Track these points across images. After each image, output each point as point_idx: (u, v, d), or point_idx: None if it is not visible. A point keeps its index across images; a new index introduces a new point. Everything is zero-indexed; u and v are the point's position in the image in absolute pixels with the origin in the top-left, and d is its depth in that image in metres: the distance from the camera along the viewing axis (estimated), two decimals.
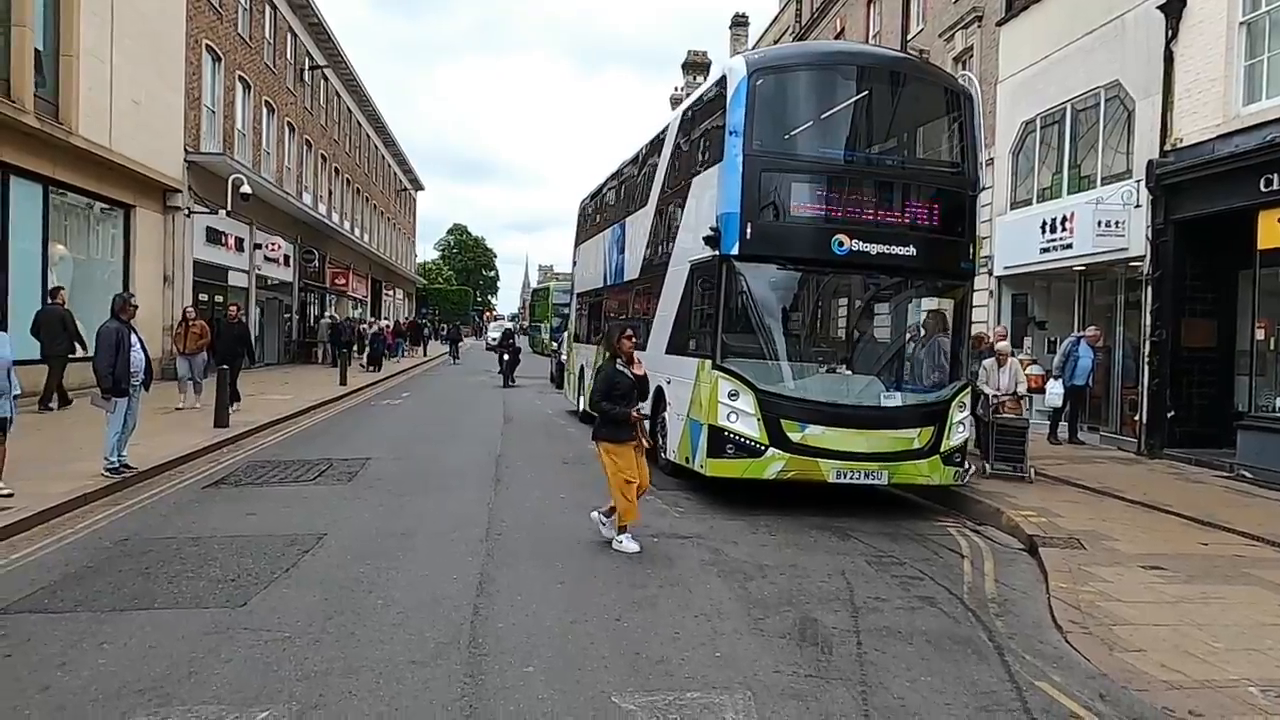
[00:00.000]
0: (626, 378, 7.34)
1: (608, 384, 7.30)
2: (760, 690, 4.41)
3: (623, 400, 7.25)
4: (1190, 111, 12.62)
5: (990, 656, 5.09)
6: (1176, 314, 13.05)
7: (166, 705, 4.05)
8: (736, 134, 8.98)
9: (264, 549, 6.90)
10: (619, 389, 7.27)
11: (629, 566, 6.74)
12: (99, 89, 18.05)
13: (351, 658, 4.70)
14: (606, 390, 7.28)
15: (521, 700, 4.22)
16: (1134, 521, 8.75)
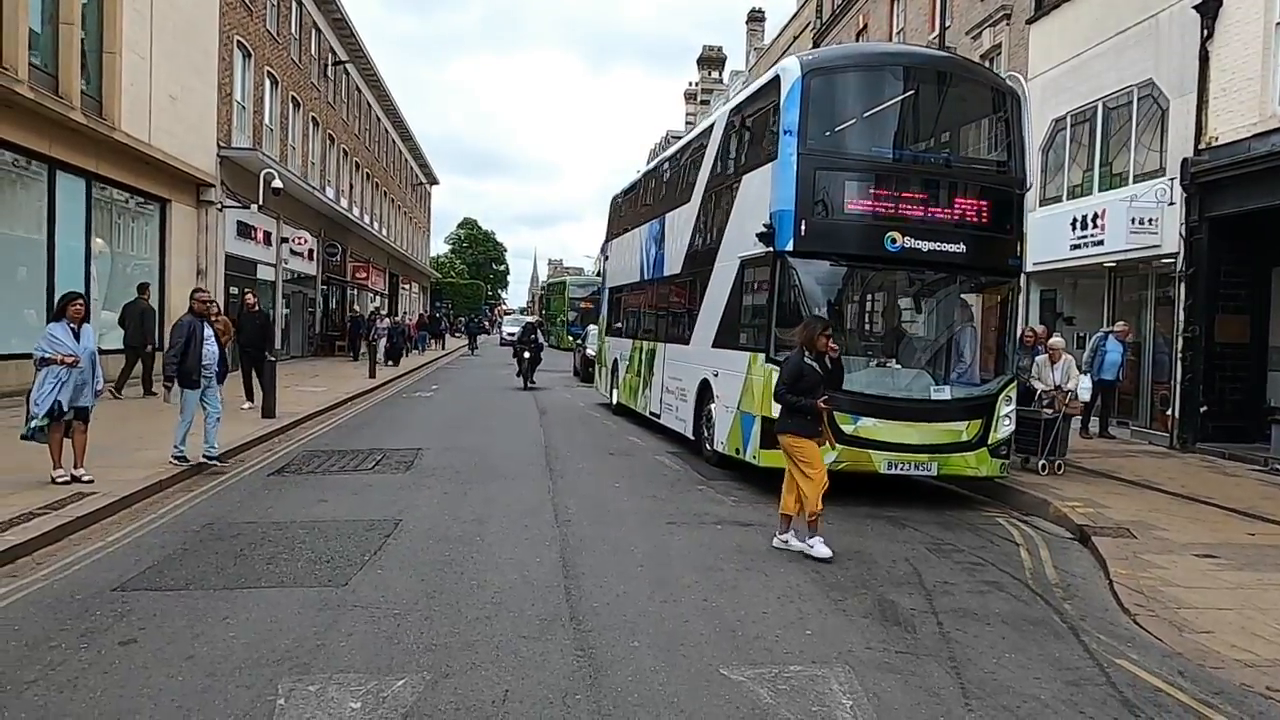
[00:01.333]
0: (815, 370, 7.14)
1: (794, 375, 7.09)
2: (857, 665, 4.66)
3: (809, 394, 7.03)
4: (1225, 110, 12.79)
5: (1066, 636, 5.33)
6: (1210, 310, 13.24)
7: (307, 674, 4.31)
8: (791, 133, 9.19)
9: (346, 533, 7.17)
10: (806, 381, 7.06)
11: (701, 552, 6.98)
12: (139, 84, 18.35)
13: (464, 633, 4.95)
14: (792, 381, 7.07)
15: (635, 671, 4.47)
16: (1178, 513, 8.96)
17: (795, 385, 7.08)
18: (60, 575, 5.96)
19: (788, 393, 7.08)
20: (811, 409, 7.02)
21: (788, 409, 7.13)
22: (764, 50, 41.32)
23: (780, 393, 7.16)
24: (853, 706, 4.13)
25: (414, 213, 60.92)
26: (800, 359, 7.18)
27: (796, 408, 7.06)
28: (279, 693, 4.08)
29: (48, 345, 8.20)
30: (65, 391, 8.21)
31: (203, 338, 9.56)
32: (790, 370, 7.16)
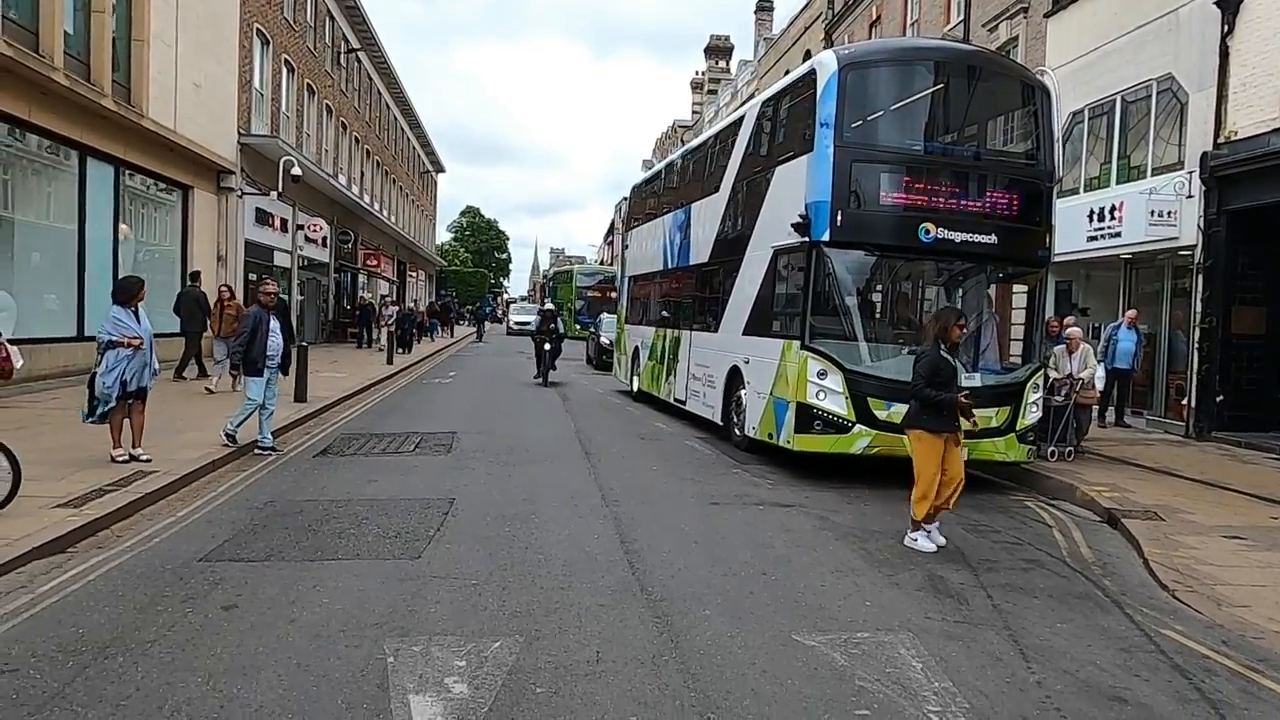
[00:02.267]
0: (950, 364, 7.02)
1: (932, 369, 6.87)
2: (920, 632, 4.93)
3: (945, 388, 6.84)
4: (1245, 105, 13.01)
5: (1111, 610, 5.60)
6: (1227, 302, 13.49)
7: (408, 636, 4.58)
8: (828, 126, 9.42)
9: (405, 510, 7.43)
10: (942, 375, 6.89)
11: (749, 531, 7.25)
12: (165, 73, 18.55)
13: (543, 601, 5.22)
14: (930, 375, 6.86)
15: (712, 636, 4.74)
16: (1201, 497, 9.24)
17: (933, 379, 6.85)
18: (144, 547, 6.23)
19: (926, 386, 6.84)
20: (951, 403, 6.85)
21: (924, 404, 6.90)
22: (774, 41, 41.38)
23: (919, 388, 6.88)
24: (923, 669, 4.40)
25: (420, 200, 61.07)
26: (936, 352, 6.96)
27: (935, 402, 6.82)
28: (386, 652, 4.34)
29: (113, 329, 8.46)
30: (129, 373, 8.48)
31: (268, 329, 9.82)
32: (928, 364, 6.90)
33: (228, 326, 15.37)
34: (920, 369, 6.97)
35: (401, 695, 3.87)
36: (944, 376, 6.92)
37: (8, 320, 14.32)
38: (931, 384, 6.86)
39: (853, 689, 4.14)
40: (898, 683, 4.23)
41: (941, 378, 6.89)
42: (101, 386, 8.40)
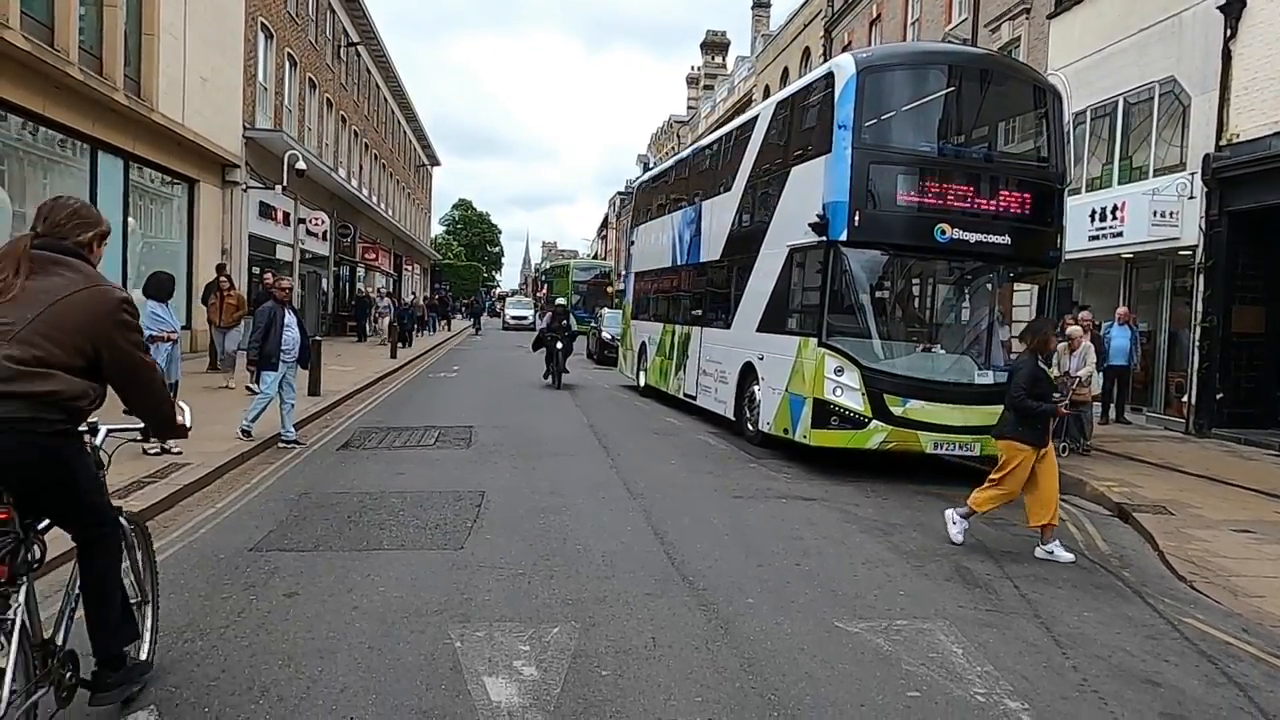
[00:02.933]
0: (1047, 375, 7.02)
1: (1031, 380, 6.79)
2: (955, 620, 5.14)
3: (1043, 399, 6.80)
4: (1248, 108, 13.27)
5: (1133, 599, 5.83)
6: (1228, 301, 13.76)
7: (469, 622, 4.76)
8: (845, 128, 9.62)
9: (438, 503, 7.61)
10: (1040, 386, 6.84)
11: (776, 523, 7.46)
12: (173, 66, 18.61)
13: (592, 589, 5.42)
14: (1030, 386, 6.76)
15: (760, 624, 4.95)
16: (1208, 493, 9.49)
17: (1033, 390, 6.78)
18: (192, 538, 6.39)
19: (1028, 398, 6.74)
20: (1051, 414, 6.87)
21: (1023, 415, 6.78)
22: (772, 37, 41.55)
23: (1020, 399, 6.76)
24: (964, 654, 4.62)
25: (416, 194, 61.06)
26: (1034, 363, 6.92)
27: (1037, 412, 6.76)
28: (452, 637, 4.53)
29: (152, 324, 8.61)
30: (168, 366, 8.65)
31: (283, 324, 9.97)
32: (1028, 375, 6.82)
33: (228, 316, 15.46)
34: (1020, 380, 6.83)
35: (475, 677, 4.06)
36: (1042, 388, 6.86)
37: None
38: (1032, 395, 6.76)
39: (900, 672, 4.35)
40: (942, 666, 4.44)
41: (1040, 389, 6.83)
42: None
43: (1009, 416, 6.95)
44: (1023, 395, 6.76)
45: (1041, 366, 6.98)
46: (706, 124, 53.53)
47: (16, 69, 13.18)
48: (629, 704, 3.88)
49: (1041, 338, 7.07)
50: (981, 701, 4.05)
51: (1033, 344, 7.06)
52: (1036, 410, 6.76)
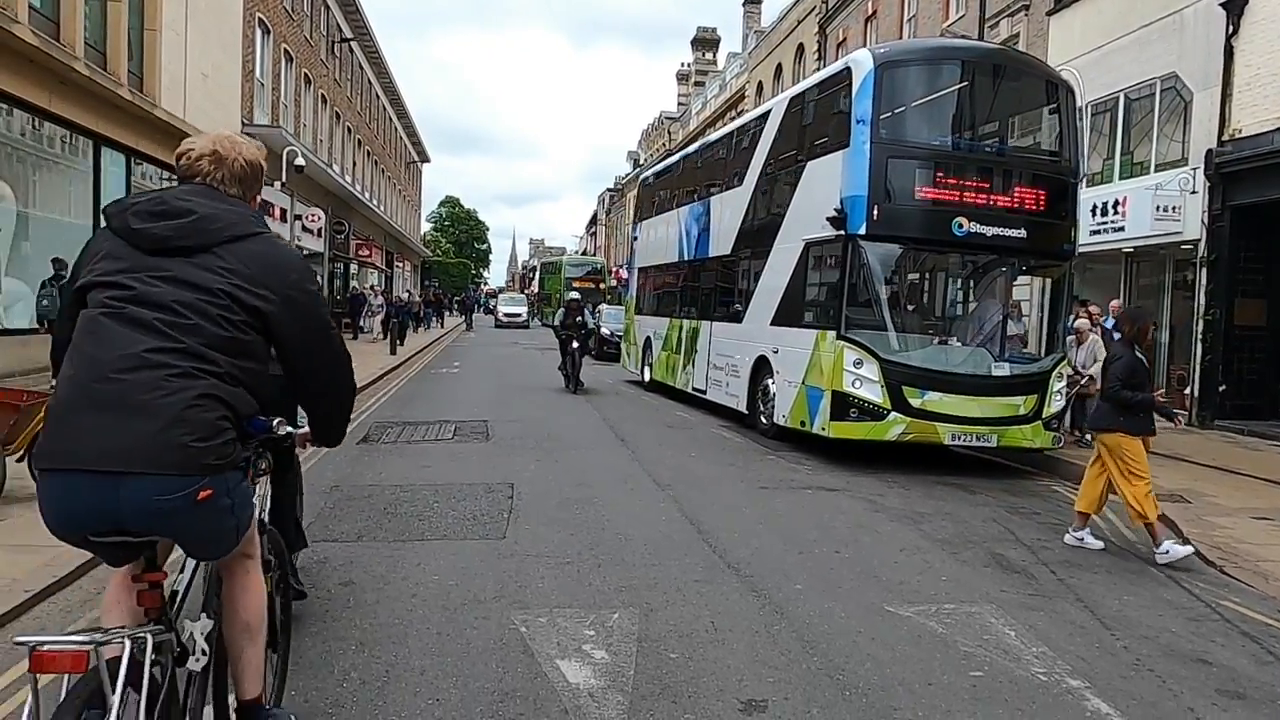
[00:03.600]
0: (1144, 365, 6.91)
1: (1129, 370, 6.68)
2: (1001, 604, 5.25)
3: (1140, 389, 6.70)
4: (1250, 104, 13.45)
5: (1168, 584, 5.95)
6: (1230, 294, 13.95)
7: (529, 609, 4.83)
8: (864, 122, 9.72)
9: (470, 495, 7.66)
10: (1138, 377, 6.74)
11: (806, 513, 7.55)
12: (175, 62, 18.54)
13: (641, 577, 5.49)
14: (1127, 377, 6.65)
15: (813, 608, 5.03)
16: (1220, 482, 9.64)
17: (1130, 381, 6.68)
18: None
19: (1124, 389, 6.63)
20: (1150, 403, 6.74)
21: (1122, 406, 6.67)
22: (765, 34, 41.67)
23: (1116, 389, 6.66)
24: (1017, 636, 4.72)
25: (407, 191, 60.91)
26: (1132, 353, 6.79)
27: (1134, 403, 6.65)
28: (516, 623, 4.59)
29: None
30: None
31: None
32: (1125, 366, 6.70)
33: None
34: (1117, 370, 6.73)
35: (549, 660, 4.13)
36: (1140, 378, 6.76)
37: (24, 311, 14.37)
38: (1128, 385, 6.66)
39: (959, 654, 4.44)
40: (998, 648, 4.53)
41: (1137, 379, 6.73)
42: None
43: (1106, 408, 6.86)
44: (1117, 386, 6.66)
45: (1139, 356, 6.86)
46: (698, 120, 53.62)
47: (23, 64, 13.11)
48: (702, 685, 3.96)
49: (1140, 327, 6.95)
50: (1044, 681, 4.15)
51: (1130, 333, 6.94)
52: (1132, 401, 6.64)
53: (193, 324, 2.36)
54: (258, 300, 2.45)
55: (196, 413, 2.30)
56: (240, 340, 2.43)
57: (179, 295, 2.37)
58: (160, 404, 2.26)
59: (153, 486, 2.24)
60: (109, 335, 2.31)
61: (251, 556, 2.78)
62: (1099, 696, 3.99)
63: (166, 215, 2.45)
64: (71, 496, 2.27)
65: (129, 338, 2.30)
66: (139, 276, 2.38)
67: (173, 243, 2.41)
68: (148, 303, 2.34)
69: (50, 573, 4.98)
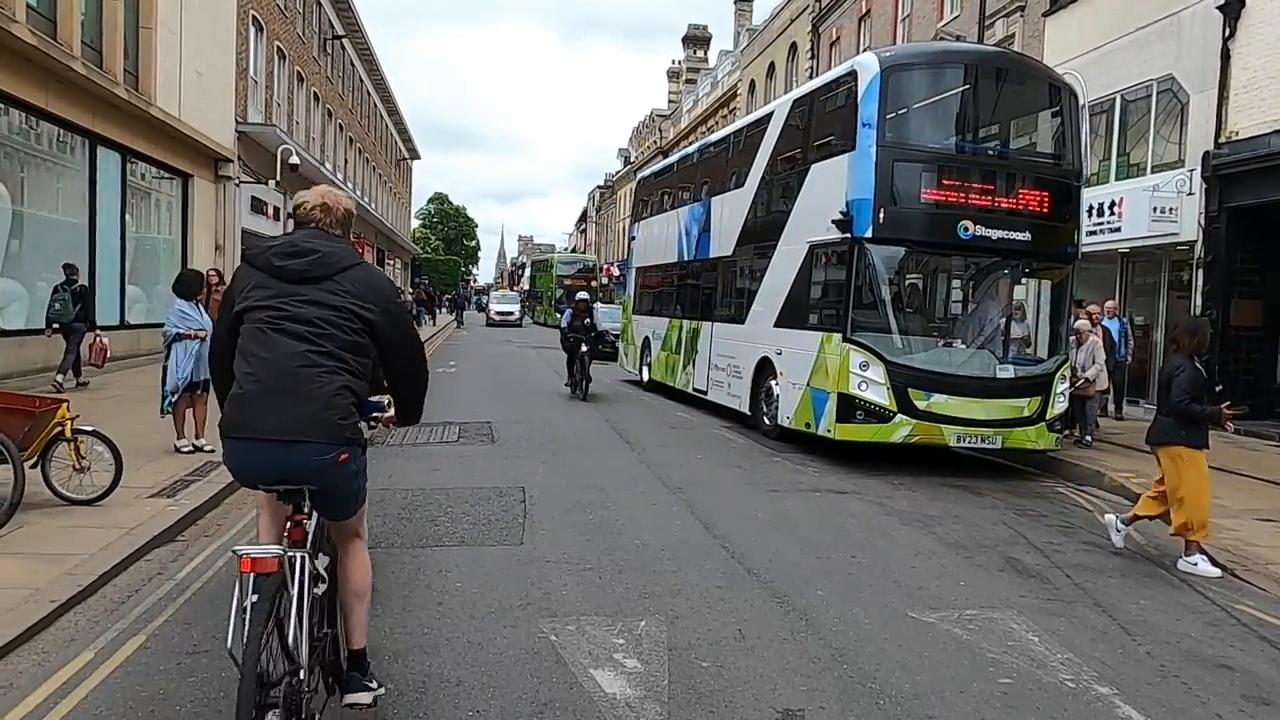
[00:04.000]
0: (1205, 377, 6.83)
1: (1193, 383, 6.57)
2: (1021, 609, 5.29)
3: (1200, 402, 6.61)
4: (1247, 106, 13.56)
5: (1182, 588, 6.02)
6: (1227, 295, 14.07)
7: (556, 617, 4.84)
8: (870, 126, 9.75)
9: (482, 499, 7.65)
10: (1200, 390, 6.66)
11: (818, 517, 7.59)
12: (170, 60, 18.43)
13: (664, 584, 5.51)
14: (1193, 390, 6.54)
15: (836, 615, 5.07)
16: (1222, 483, 9.66)
17: (1196, 394, 6.56)
18: (250, 535, 6.39)
19: (1193, 402, 6.53)
20: (1216, 416, 6.64)
21: (1188, 420, 6.57)
22: (757, 32, 41.69)
23: (1184, 403, 6.53)
24: (1040, 642, 4.76)
25: (397, 188, 60.70)
26: (1193, 365, 6.70)
27: (1203, 417, 6.57)
28: (545, 631, 4.61)
29: (179, 321, 8.58)
30: (196, 365, 8.59)
31: None
32: (1190, 379, 6.58)
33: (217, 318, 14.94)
34: (1182, 384, 6.57)
35: (582, 670, 4.14)
36: (1201, 390, 6.65)
37: (19, 311, 14.27)
38: (1198, 400, 6.55)
39: (986, 660, 4.48)
40: (1023, 654, 4.58)
41: (1200, 391, 6.63)
42: (175, 379, 8.53)
43: (1167, 422, 6.72)
44: (1186, 400, 6.52)
45: (1200, 368, 6.76)
46: (690, 118, 53.63)
47: (21, 63, 13.02)
48: (737, 694, 3.98)
49: (1200, 338, 6.88)
50: (1072, 688, 4.20)
51: (1190, 346, 6.81)
52: (1201, 415, 6.55)
53: (329, 333, 3.17)
54: (366, 312, 3.25)
55: (339, 399, 3.15)
56: (359, 343, 3.25)
57: (318, 313, 3.17)
58: (317, 394, 3.11)
59: (313, 451, 3.10)
60: (275, 344, 3.13)
61: (361, 536, 3.55)
62: (1128, 703, 4.04)
63: (298, 254, 3.24)
64: (255, 456, 3.16)
65: (290, 345, 3.13)
66: (286, 300, 3.18)
67: (306, 275, 3.22)
68: (298, 319, 3.16)
69: (74, 582, 4.96)
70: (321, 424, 3.11)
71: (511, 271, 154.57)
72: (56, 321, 12.98)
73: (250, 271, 3.30)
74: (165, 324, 8.74)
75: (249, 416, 3.12)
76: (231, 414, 3.18)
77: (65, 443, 6.55)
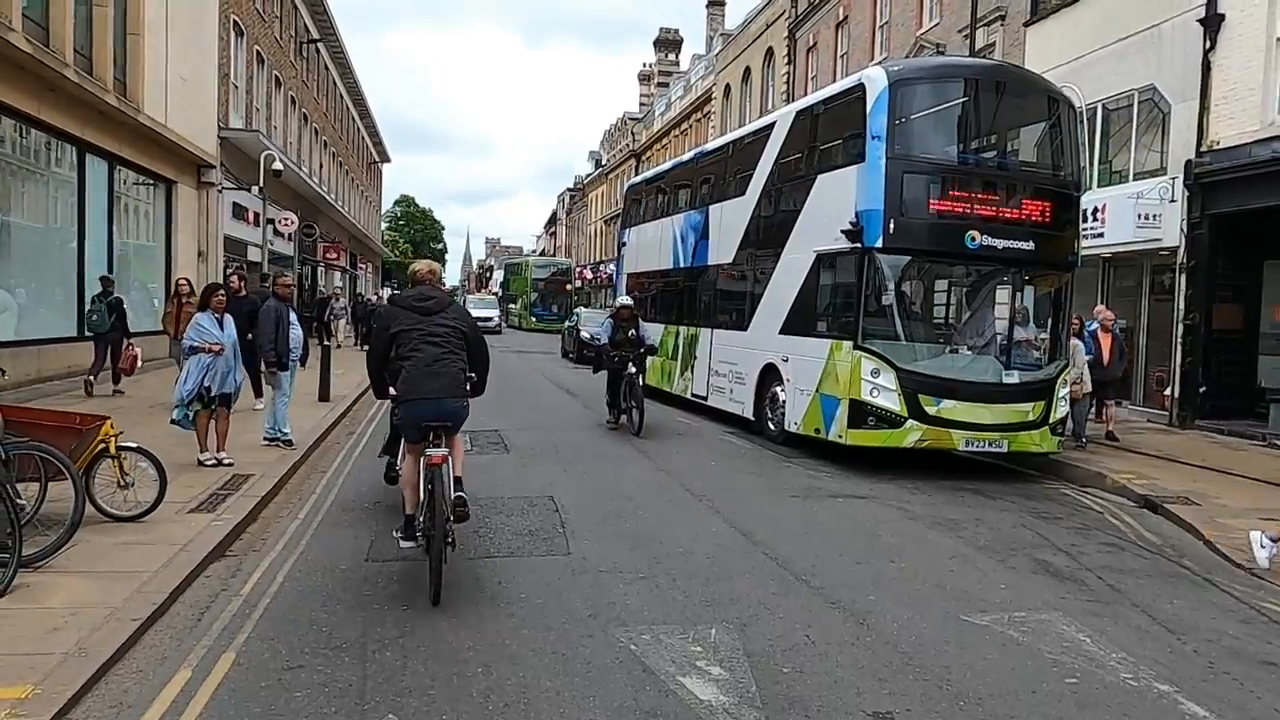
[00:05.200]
0: None
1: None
2: (1066, 611, 5.52)
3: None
4: (1227, 116, 14.01)
5: (1208, 587, 6.29)
6: (1209, 300, 14.53)
7: (630, 626, 4.98)
8: (879, 138, 9.99)
9: (517, 510, 7.75)
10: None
11: (847, 522, 7.79)
12: (157, 66, 18.25)
13: (721, 591, 5.67)
14: None
15: (894, 619, 5.25)
16: (1219, 482, 10.09)
17: None
18: (297, 550, 6.46)
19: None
20: None
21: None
22: (732, 36, 42.00)
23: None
24: (1093, 642, 4.99)
25: (369, 192, 60.30)
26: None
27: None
28: (623, 641, 4.74)
29: (195, 335, 8.52)
30: (213, 378, 8.56)
31: (289, 321, 9.99)
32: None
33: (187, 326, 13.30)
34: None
35: (671, 678, 4.29)
36: None
37: (9, 321, 14.07)
38: None
39: (1047, 661, 4.69)
40: (1081, 654, 4.80)
41: None
42: (180, 391, 8.51)
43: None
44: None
45: None
46: (663, 121, 53.85)
47: (15, 72, 12.87)
48: (826, 698, 4.15)
49: None
50: (1135, 686, 4.42)
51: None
52: None
53: (452, 342, 5.72)
54: (463, 328, 5.84)
55: (460, 376, 5.72)
56: (461, 348, 5.77)
57: (444, 331, 5.71)
58: (452, 374, 5.66)
59: (454, 402, 5.66)
60: (427, 349, 5.63)
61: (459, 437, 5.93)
62: (1191, 700, 4.27)
63: (427, 299, 5.85)
64: (423, 408, 5.60)
65: (435, 349, 5.64)
66: (426, 324, 5.70)
67: (432, 310, 5.77)
68: (435, 336, 5.67)
69: (148, 600, 5.01)
70: (456, 388, 5.68)
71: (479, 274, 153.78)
72: (94, 332, 13.28)
73: (397, 310, 5.91)
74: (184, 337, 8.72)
75: (418, 387, 5.58)
76: (404, 387, 5.64)
77: (110, 459, 6.56)
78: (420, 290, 5.94)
